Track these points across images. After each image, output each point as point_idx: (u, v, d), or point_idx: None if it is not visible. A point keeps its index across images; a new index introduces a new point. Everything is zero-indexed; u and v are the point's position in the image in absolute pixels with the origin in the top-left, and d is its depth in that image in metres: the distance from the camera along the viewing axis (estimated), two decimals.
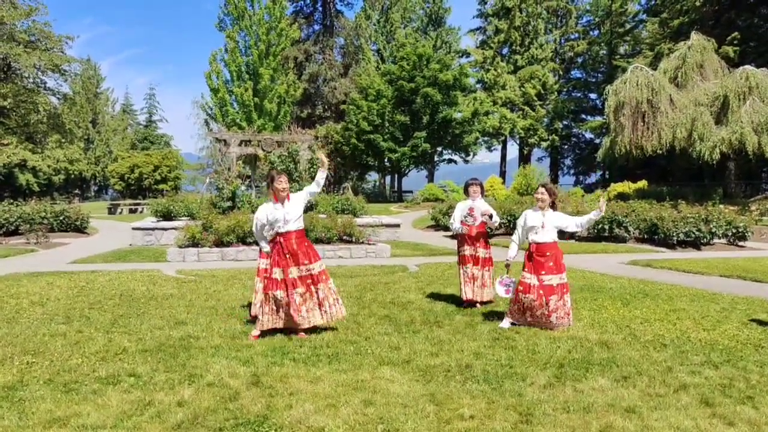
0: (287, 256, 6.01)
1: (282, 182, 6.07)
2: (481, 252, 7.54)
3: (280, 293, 5.94)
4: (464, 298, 7.53)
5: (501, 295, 6.73)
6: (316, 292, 6.08)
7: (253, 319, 6.41)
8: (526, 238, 6.51)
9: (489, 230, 7.75)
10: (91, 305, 7.58)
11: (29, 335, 6.00)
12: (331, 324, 6.23)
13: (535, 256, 6.31)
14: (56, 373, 4.80)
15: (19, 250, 14.24)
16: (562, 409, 4.07)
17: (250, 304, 7.07)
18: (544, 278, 6.24)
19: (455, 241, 17.41)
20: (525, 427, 3.79)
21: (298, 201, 6.19)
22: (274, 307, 5.98)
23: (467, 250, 7.57)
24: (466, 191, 7.76)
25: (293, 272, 5.98)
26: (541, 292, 6.21)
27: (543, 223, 6.30)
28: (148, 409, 4.06)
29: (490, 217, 7.41)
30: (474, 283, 7.49)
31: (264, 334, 5.99)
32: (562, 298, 6.28)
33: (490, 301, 7.61)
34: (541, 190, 6.44)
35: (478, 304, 7.51)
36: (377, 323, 6.61)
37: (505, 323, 6.42)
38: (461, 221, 7.61)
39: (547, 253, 6.29)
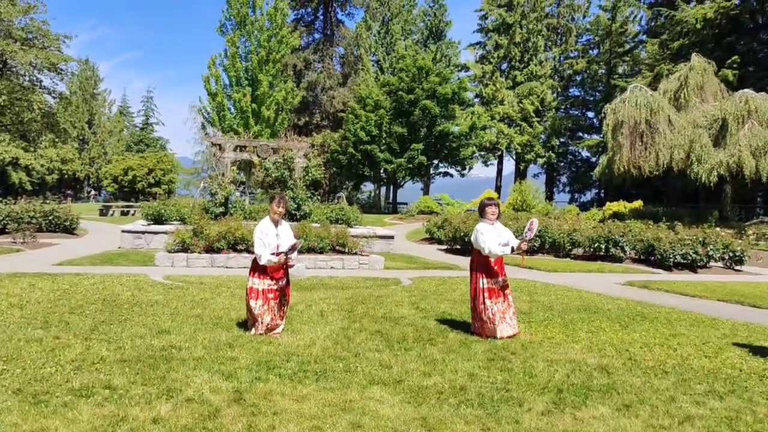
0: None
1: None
2: (507, 281, 6.81)
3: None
4: (501, 336, 6.50)
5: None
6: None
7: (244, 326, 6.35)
8: None
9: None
10: (72, 310, 7.30)
11: (3, 340, 5.73)
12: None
13: None
14: (27, 383, 4.53)
15: (4, 249, 13.91)
16: None
17: (244, 321, 6.82)
18: None
19: (450, 256, 17.16)
20: None
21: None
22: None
23: (498, 282, 6.66)
24: (482, 212, 6.84)
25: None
26: None
27: None
28: (121, 425, 3.81)
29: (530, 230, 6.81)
30: (507, 316, 6.62)
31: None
32: None
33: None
34: None
35: (519, 335, 6.69)
36: (368, 339, 6.37)
37: None
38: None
39: None
